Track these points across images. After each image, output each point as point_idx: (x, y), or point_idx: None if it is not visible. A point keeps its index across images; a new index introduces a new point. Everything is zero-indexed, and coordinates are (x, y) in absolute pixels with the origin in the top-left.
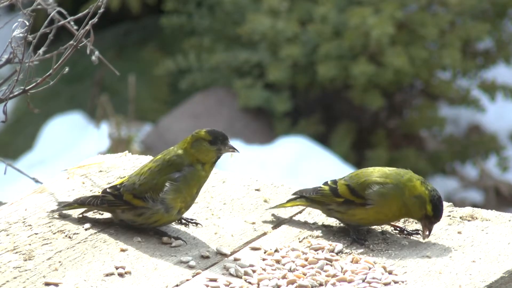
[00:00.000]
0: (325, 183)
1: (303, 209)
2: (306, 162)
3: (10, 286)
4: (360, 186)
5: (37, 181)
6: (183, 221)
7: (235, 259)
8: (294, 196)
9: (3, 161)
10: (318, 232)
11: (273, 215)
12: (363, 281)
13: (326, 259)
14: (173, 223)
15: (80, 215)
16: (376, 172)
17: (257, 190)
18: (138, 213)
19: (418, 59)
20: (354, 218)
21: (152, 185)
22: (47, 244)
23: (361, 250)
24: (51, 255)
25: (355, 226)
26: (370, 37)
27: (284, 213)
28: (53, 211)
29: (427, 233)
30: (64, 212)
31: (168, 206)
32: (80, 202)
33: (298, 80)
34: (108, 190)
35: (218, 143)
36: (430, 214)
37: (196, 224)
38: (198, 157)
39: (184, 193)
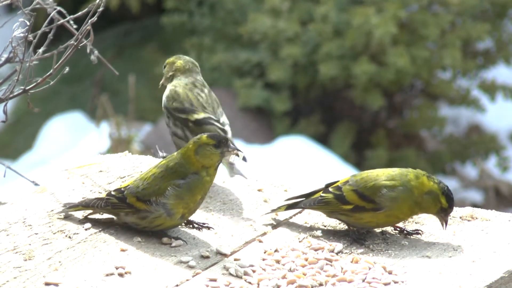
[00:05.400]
0: (327, 191)
1: (303, 209)
2: (306, 162)
3: (10, 286)
4: (369, 190)
5: (36, 184)
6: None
7: (235, 259)
8: (291, 202)
9: (2, 164)
10: (318, 232)
11: (273, 215)
12: (363, 281)
13: (326, 259)
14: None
15: (83, 217)
16: (382, 175)
17: (257, 190)
18: (141, 216)
19: (419, 59)
20: (361, 221)
21: (155, 190)
22: (47, 244)
23: (361, 250)
24: (51, 255)
25: (359, 228)
26: (372, 37)
27: (284, 213)
28: (58, 212)
29: (445, 224)
30: (67, 212)
31: (170, 211)
32: (84, 204)
33: (299, 80)
34: (112, 192)
35: (222, 146)
36: (445, 206)
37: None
38: (203, 162)
39: (187, 199)
